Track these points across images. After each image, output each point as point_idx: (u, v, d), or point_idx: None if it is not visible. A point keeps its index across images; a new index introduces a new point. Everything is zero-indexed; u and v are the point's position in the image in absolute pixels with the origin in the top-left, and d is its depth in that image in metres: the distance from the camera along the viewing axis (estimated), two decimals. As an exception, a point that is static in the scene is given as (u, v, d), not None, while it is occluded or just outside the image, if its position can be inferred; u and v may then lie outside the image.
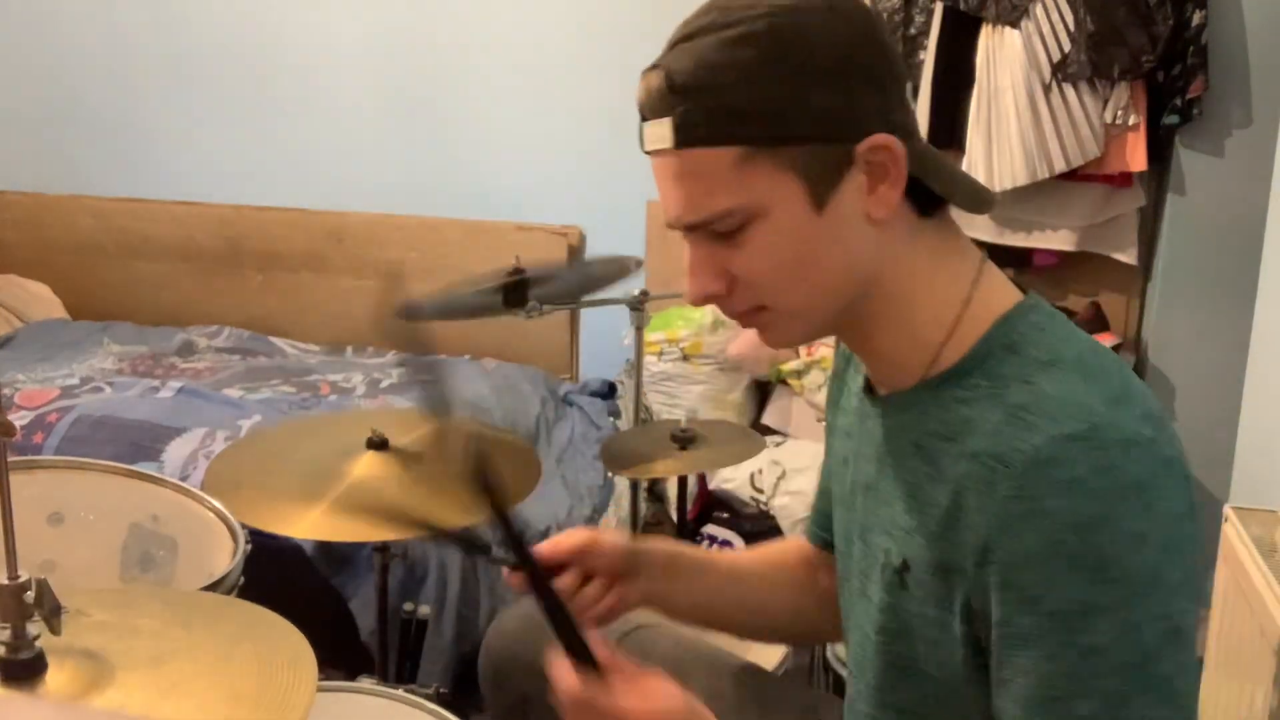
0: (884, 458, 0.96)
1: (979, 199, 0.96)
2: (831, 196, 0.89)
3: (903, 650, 0.94)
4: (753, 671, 1.38)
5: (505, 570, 1.10)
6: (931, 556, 0.89)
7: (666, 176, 0.92)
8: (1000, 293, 0.94)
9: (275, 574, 1.65)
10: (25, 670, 0.93)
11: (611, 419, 2.94)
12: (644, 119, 0.92)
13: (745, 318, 0.96)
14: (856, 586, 1.01)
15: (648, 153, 0.93)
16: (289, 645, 1.02)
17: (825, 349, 2.76)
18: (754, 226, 0.90)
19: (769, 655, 1.76)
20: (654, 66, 0.91)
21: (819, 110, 0.87)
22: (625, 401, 2.92)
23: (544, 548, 1.16)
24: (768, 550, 1.33)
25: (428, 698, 1.48)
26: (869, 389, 1.01)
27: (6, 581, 0.93)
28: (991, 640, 0.85)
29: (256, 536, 1.61)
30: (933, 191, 0.92)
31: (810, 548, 1.28)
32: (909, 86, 1.01)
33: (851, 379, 1.08)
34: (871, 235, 0.92)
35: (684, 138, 0.88)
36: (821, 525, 1.24)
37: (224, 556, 1.60)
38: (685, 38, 0.89)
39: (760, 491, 2.63)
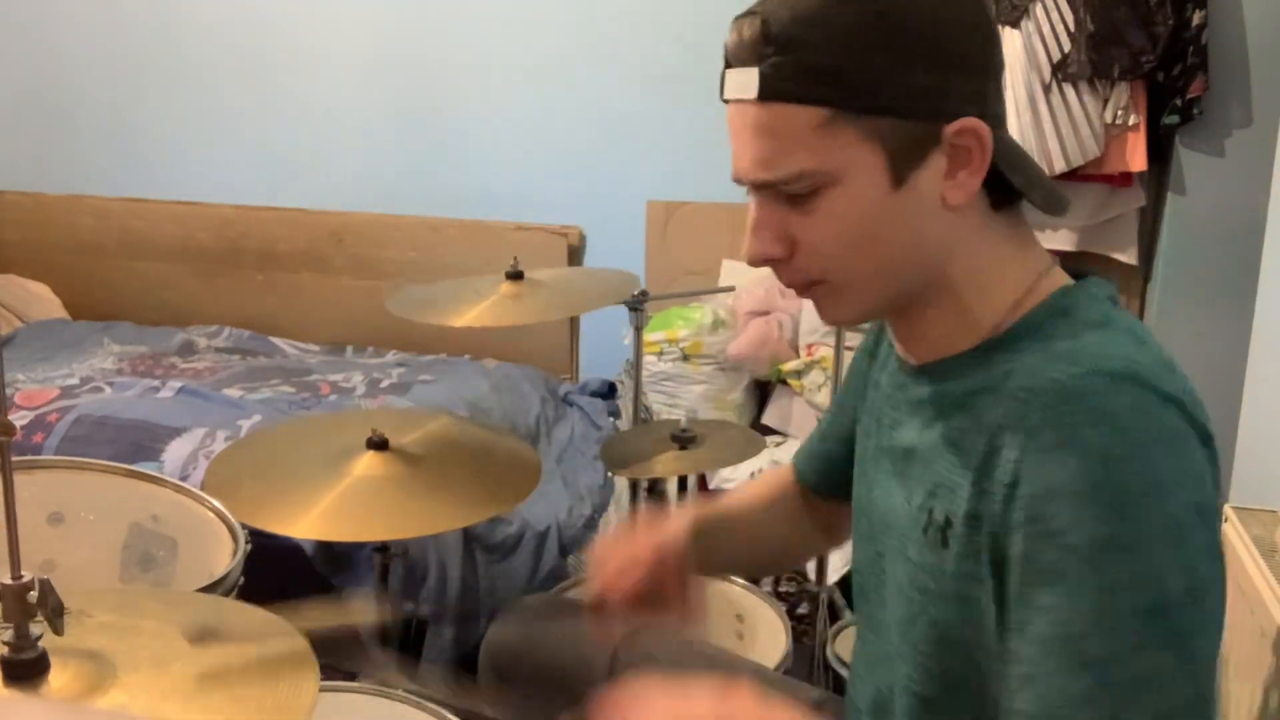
0: (928, 419, 0.94)
1: (1055, 201, 0.95)
2: (911, 175, 0.87)
3: (938, 614, 0.92)
4: (754, 671, 1.38)
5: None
6: (970, 507, 0.86)
7: (744, 128, 0.88)
8: (1063, 282, 0.93)
9: (275, 574, 1.65)
10: (28, 670, 0.94)
11: (611, 419, 2.94)
12: (728, 65, 0.89)
13: (801, 289, 0.94)
14: (898, 550, 0.97)
15: (726, 101, 0.90)
16: (291, 646, 1.02)
17: (825, 349, 2.76)
18: (826, 193, 0.87)
19: (769, 655, 1.76)
20: (750, 13, 0.87)
21: (913, 86, 0.85)
22: (625, 401, 2.92)
23: (616, 590, 1.17)
24: (768, 486, 1.33)
25: (429, 697, 1.48)
26: (901, 359, 1.00)
27: (10, 581, 0.93)
28: (1011, 584, 0.83)
29: (256, 536, 1.61)
30: (1009, 186, 0.91)
31: (793, 480, 1.30)
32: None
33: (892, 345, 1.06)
34: (943, 220, 0.90)
35: (770, 90, 0.85)
36: (818, 470, 1.26)
37: (224, 556, 1.60)
38: None
39: (760, 491, 2.63)
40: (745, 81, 0.86)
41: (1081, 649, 0.77)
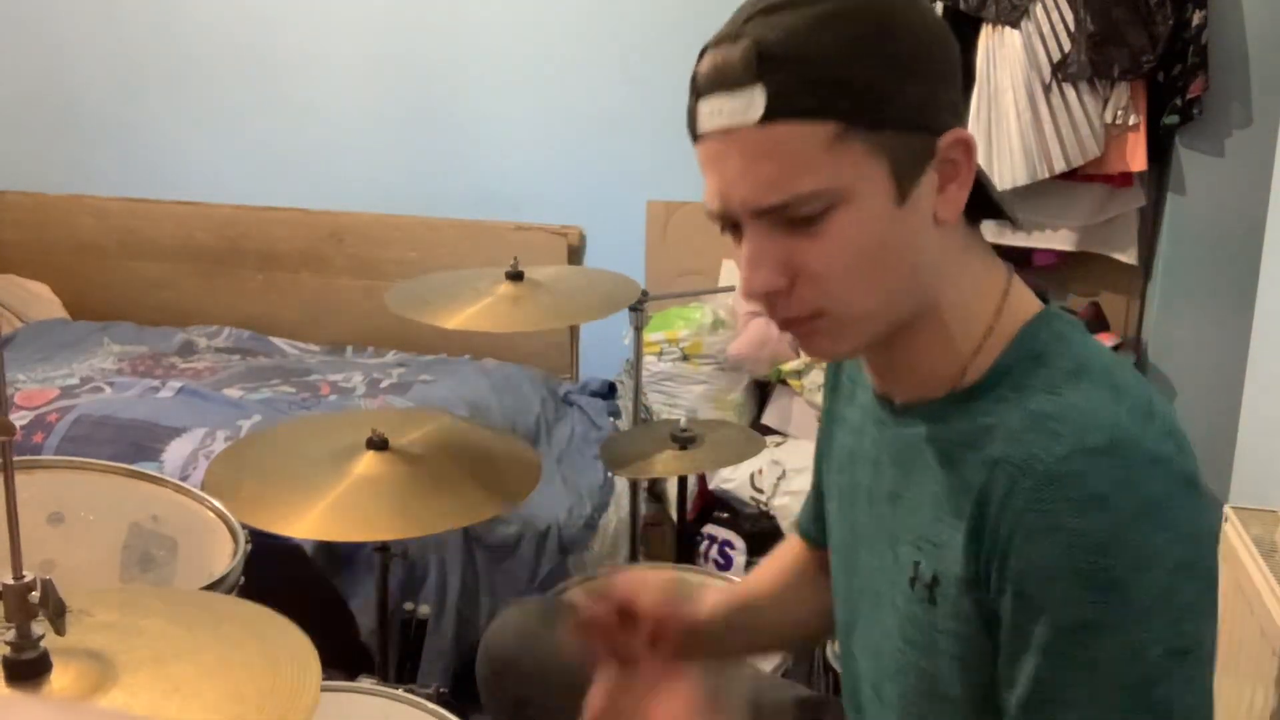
0: (909, 467, 0.94)
1: (1011, 211, 0.96)
2: (912, 191, 0.85)
3: (927, 667, 0.92)
4: (752, 673, 1.38)
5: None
6: (962, 572, 0.87)
7: (738, 156, 0.84)
8: (1026, 303, 0.92)
9: (275, 574, 1.65)
10: (29, 670, 0.94)
11: (611, 419, 2.94)
12: (711, 93, 0.84)
13: (797, 323, 0.89)
14: (885, 594, 0.97)
15: (709, 133, 0.86)
16: (293, 646, 1.02)
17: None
18: (835, 215, 0.84)
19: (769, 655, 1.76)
20: (728, 37, 0.85)
21: (910, 97, 0.84)
22: (625, 401, 2.92)
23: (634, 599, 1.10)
24: (780, 562, 1.29)
25: (428, 698, 1.48)
26: (880, 395, 0.99)
27: (12, 581, 0.93)
28: (1001, 643, 0.85)
29: (256, 536, 1.61)
30: (976, 201, 0.90)
31: (805, 547, 1.27)
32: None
33: (858, 376, 1.05)
34: (934, 239, 0.88)
35: (779, 107, 0.81)
36: (820, 526, 1.22)
37: (224, 556, 1.60)
38: (765, 11, 0.83)
39: (760, 491, 2.63)
40: (740, 105, 0.82)
41: (1061, 717, 0.81)
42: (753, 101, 0.82)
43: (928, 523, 0.91)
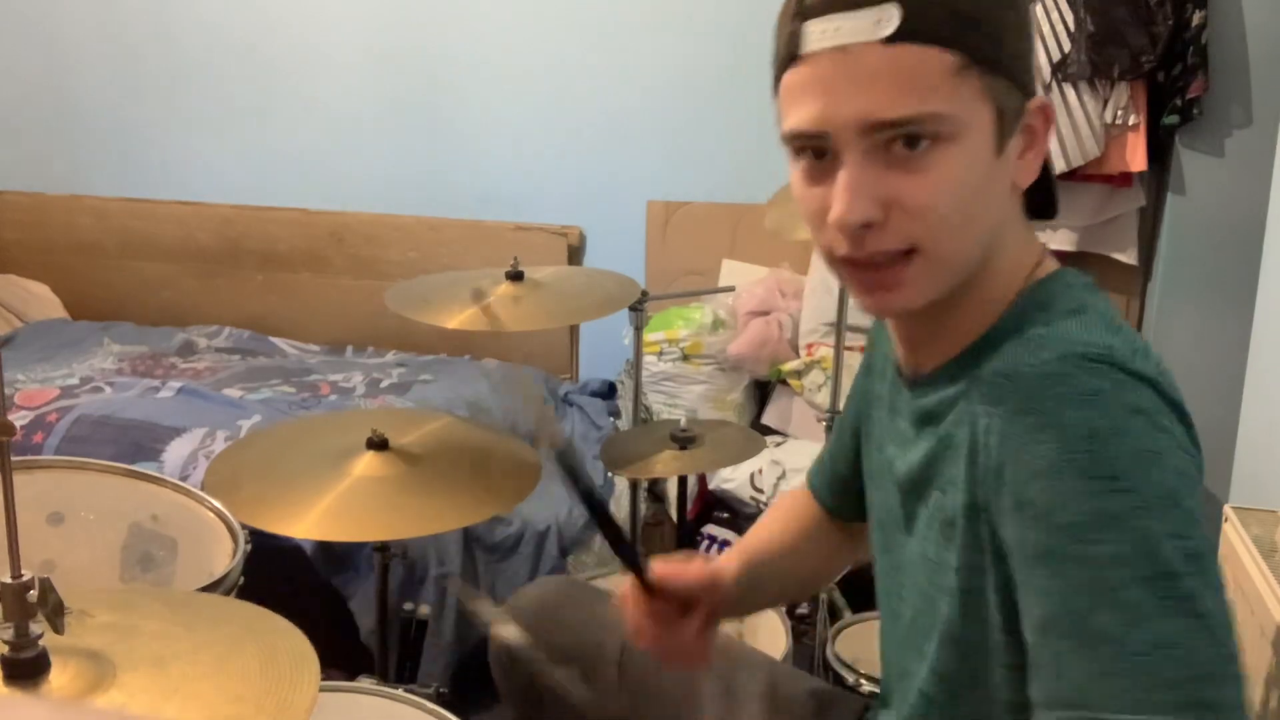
0: (930, 429, 0.94)
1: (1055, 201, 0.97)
2: (1005, 145, 0.86)
3: (949, 611, 0.91)
4: (767, 664, 1.38)
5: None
6: (965, 499, 0.85)
7: (857, 73, 0.82)
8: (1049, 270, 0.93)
9: (275, 574, 1.65)
10: (28, 669, 0.94)
11: (611, 419, 2.94)
12: (827, 12, 0.83)
13: (883, 264, 0.87)
14: (918, 564, 0.97)
15: (818, 51, 0.83)
16: (291, 646, 1.02)
17: (825, 349, 2.76)
18: (941, 150, 0.83)
19: (773, 648, 1.76)
20: None
21: (1021, 48, 0.85)
22: (625, 401, 2.92)
23: (669, 576, 1.14)
24: (795, 518, 1.31)
25: (428, 698, 1.48)
26: (905, 369, 0.99)
27: (10, 580, 0.93)
28: (1013, 572, 0.81)
29: (256, 536, 1.61)
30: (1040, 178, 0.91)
31: (814, 505, 1.29)
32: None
33: (889, 354, 1.05)
34: (1009, 203, 0.89)
35: (912, 28, 0.81)
36: (836, 495, 1.25)
37: (224, 556, 1.60)
38: None
39: (760, 491, 2.63)
40: (866, 24, 0.81)
41: (1089, 625, 0.74)
42: (883, 19, 0.81)
43: (941, 469, 0.91)
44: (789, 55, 0.86)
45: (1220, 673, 0.72)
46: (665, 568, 1.15)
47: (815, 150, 0.86)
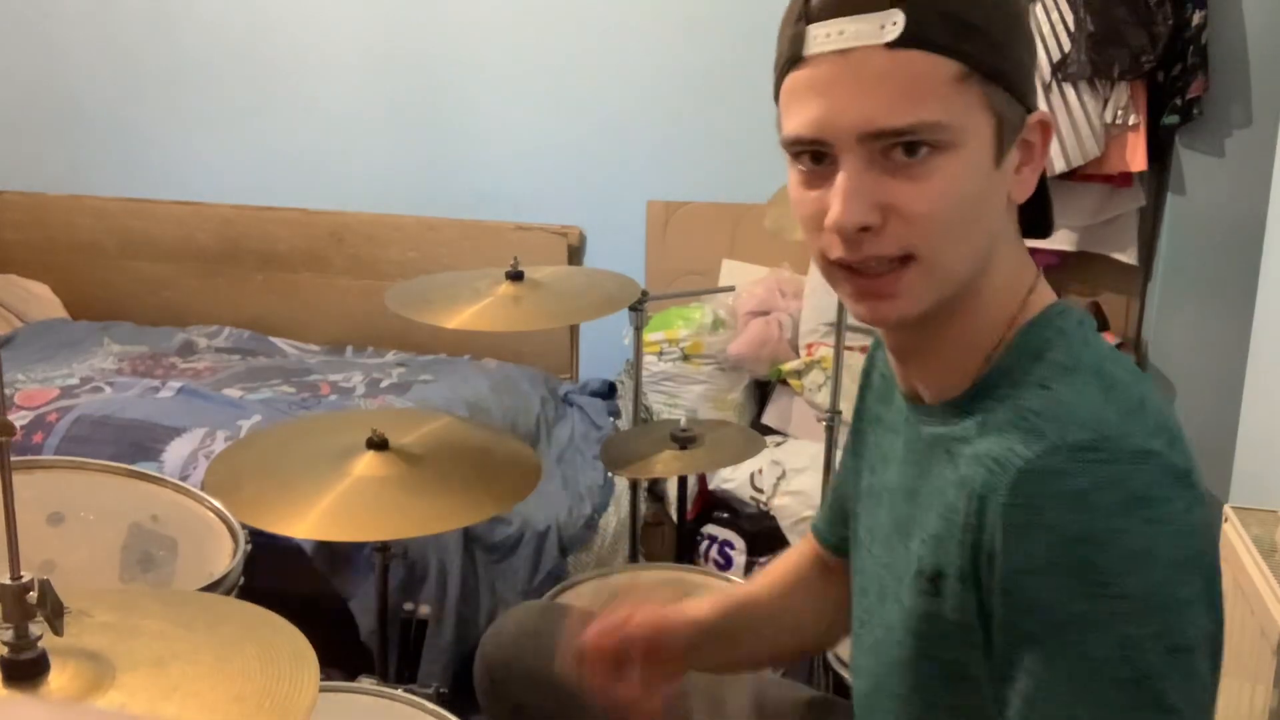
0: (926, 465, 0.94)
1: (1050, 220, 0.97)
2: (1003, 157, 0.86)
3: (928, 661, 0.92)
4: (753, 674, 1.37)
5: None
6: (960, 565, 0.86)
7: (859, 77, 0.82)
8: (1046, 300, 0.92)
9: (275, 574, 1.65)
10: (27, 671, 0.93)
11: (611, 419, 2.94)
12: (832, 15, 0.83)
13: (881, 272, 0.86)
14: (890, 589, 0.97)
15: (820, 55, 0.83)
16: (291, 646, 1.02)
17: (825, 349, 2.76)
18: (941, 158, 0.83)
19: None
20: None
21: (1022, 58, 0.85)
22: (625, 401, 2.93)
23: (598, 636, 1.14)
24: (787, 569, 1.28)
25: (428, 698, 1.48)
26: (908, 394, 0.99)
27: (9, 582, 0.93)
28: (995, 643, 0.83)
29: (256, 536, 1.61)
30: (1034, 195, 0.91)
31: (818, 549, 1.25)
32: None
33: (890, 375, 1.04)
34: (1004, 217, 0.89)
35: (915, 34, 0.81)
36: (836, 528, 1.21)
37: (224, 556, 1.60)
38: None
39: (760, 491, 2.63)
40: (870, 27, 0.81)
41: (1069, 715, 0.79)
42: (887, 24, 0.81)
43: (934, 517, 0.90)
44: (791, 57, 0.86)
45: None
46: (596, 628, 1.15)
47: (814, 154, 0.86)
